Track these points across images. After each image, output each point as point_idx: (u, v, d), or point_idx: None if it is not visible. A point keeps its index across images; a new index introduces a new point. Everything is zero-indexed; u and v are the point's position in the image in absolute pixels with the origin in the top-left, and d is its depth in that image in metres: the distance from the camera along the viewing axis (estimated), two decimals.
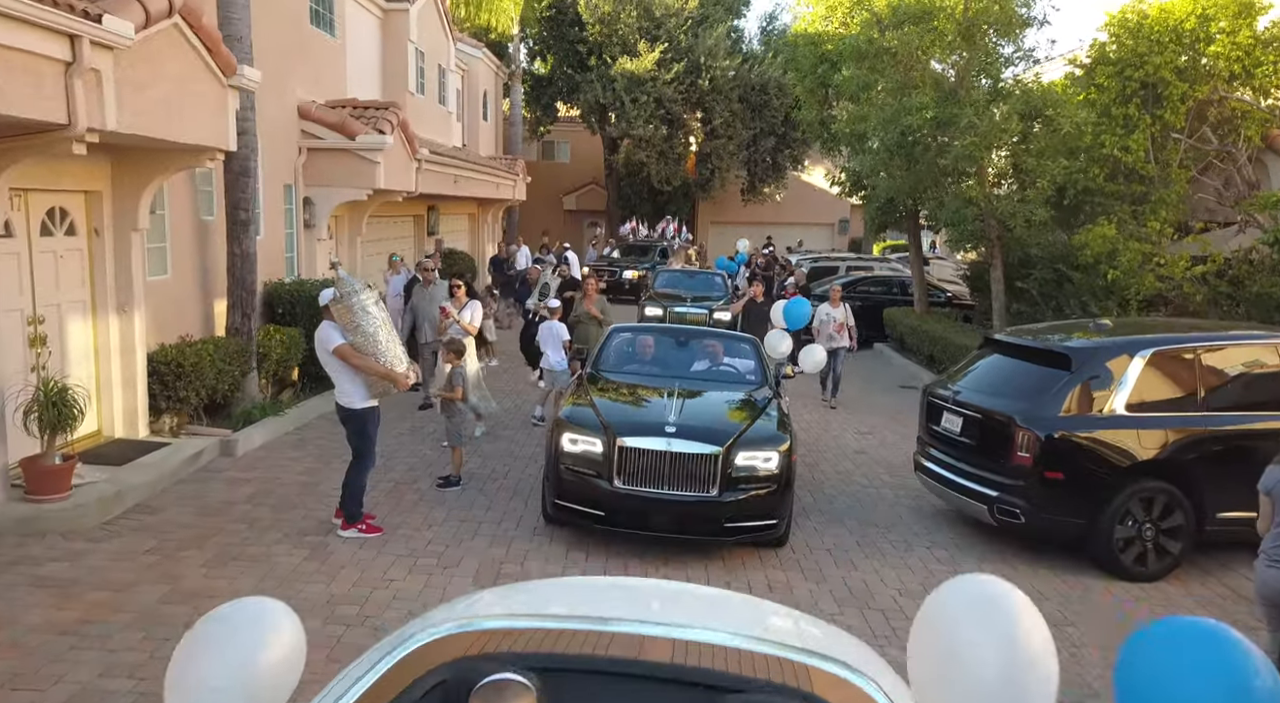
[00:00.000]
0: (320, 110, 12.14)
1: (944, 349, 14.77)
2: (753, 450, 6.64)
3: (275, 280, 11.19)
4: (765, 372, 8.40)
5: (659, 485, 6.48)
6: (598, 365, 8.25)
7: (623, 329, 9.11)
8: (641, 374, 8.17)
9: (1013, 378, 7.50)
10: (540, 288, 12.73)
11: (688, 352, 8.75)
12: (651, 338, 8.93)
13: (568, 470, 6.62)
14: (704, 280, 18.45)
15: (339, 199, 12.49)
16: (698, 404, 7.23)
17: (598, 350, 8.57)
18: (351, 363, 6.38)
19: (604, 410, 6.93)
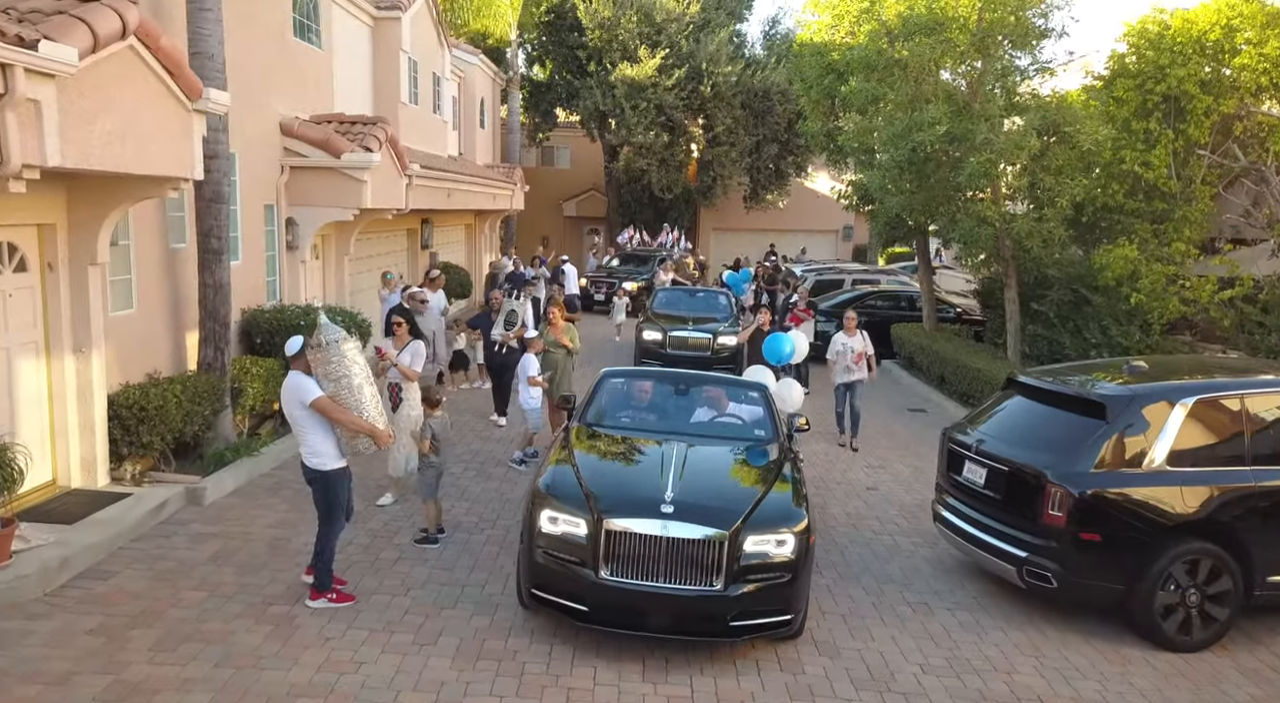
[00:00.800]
0: (304, 127, 11.58)
1: (956, 371, 14.20)
2: (764, 533, 5.67)
3: (254, 307, 10.63)
4: (776, 424, 7.52)
5: (653, 577, 5.52)
6: (585, 415, 7.37)
7: (615, 374, 8.10)
8: (635, 427, 7.33)
9: (1041, 426, 6.92)
10: (506, 316, 11.15)
11: (688, 400, 7.87)
12: (648, 384, 8.05)
13: (545, 555, 5.67)
14: (706, 300, 17.26)
15: (324, 219, 11.92)
16: (699, 469, 6.35)
17: (588, 398, 7.67)
18: (332, 417, 5.80)
19: (589, 477, 6.04)
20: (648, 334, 14.90)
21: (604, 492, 5.86)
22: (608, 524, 5.55)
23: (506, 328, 11.04)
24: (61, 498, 7.13)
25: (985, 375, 12.99)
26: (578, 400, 7.93)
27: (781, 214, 34.47)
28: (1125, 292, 11.91)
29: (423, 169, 14.42)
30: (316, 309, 6.19)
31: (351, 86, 15.29)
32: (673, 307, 16.62)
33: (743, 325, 15.15)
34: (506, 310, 11.22)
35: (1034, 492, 6.46)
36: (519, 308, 11.23)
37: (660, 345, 14.71)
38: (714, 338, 14.76)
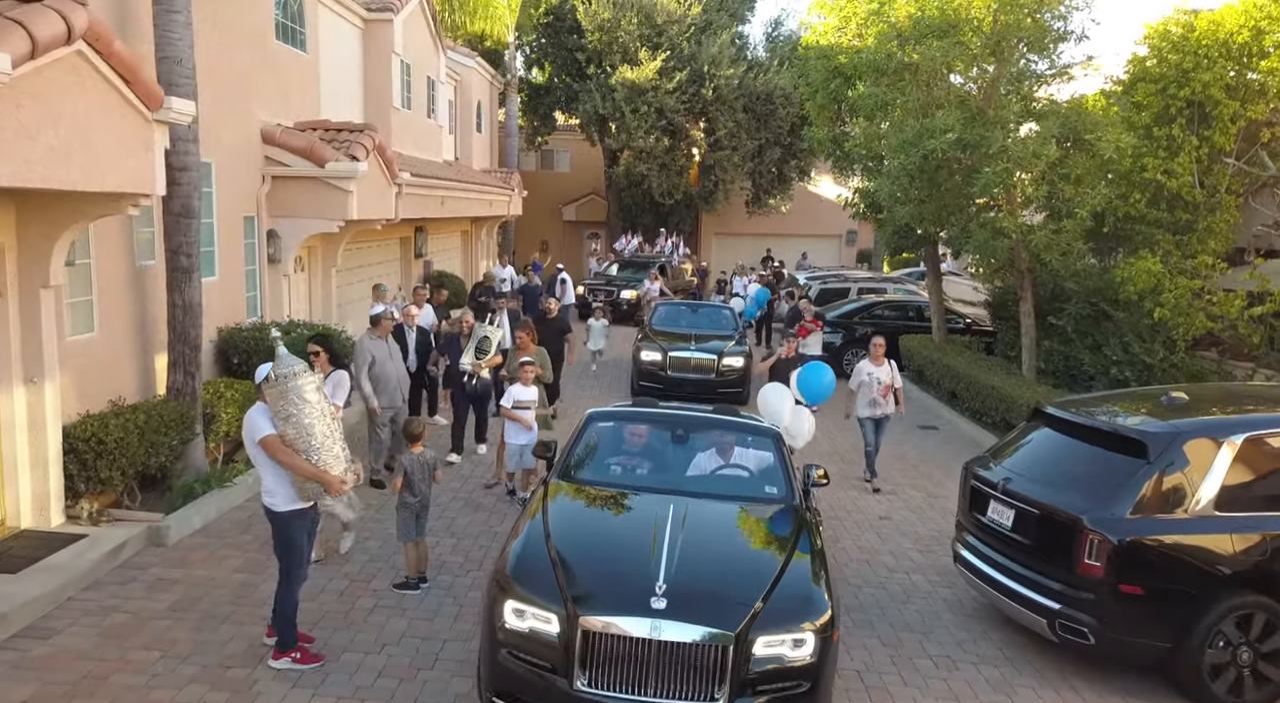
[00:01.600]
0: (286, 134, 11.03)
1: (969, 388, 13.63)
2: (779, 632, 4.66)
3: (232, 326, 10.08)
4: (790, 478, 6.37)
5: (640, 689, 4.51)
6: (566, 466, 6.35)
7: (602, 416, 7.01)
8: (624, 482, 6.27)
9: (1074, 464, 6.36)
10: (478, 342, 9.81)
11: (687, 448, 6.77)
12: (641, 428, 6.90)
13: (510, 656, 4.67)
14: (710, 315, 16.04)
15: (308, 231, 11.37)
16: (699, 540, 5.24)
17: (569, 445, 6.61)
18: (276, 458, 5.27)
19: (566, 552, 5.03)
20: (646, 355, 13.74)
21: (583, 575, 4.90)
22: (585, 622, 4.55)
23: (477, 356, 9.77)
24: (9, 541, 6.58)
25: (1000, 393, 12.42)
26: (558, 447, 6.89)
27: (784, 219, 33.90)
28: (1148, 306, 11.34)
29: (413, 177, 13.87)
30: (277, 339, 5.37)
31: (341, 91, 14.75)
32: (673, 323, 15.45)
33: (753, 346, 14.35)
34: (478, 336, 9.86)
35: (1068, 538, 5.89)
36: (493, 334, 9.93)
37: (660, 367, 13.60)
38: (719, 359, 13.61)
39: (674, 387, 13.30)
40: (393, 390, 9.12)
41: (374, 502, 8.69)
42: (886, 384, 10.19)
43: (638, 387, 13.70)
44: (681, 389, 13.23)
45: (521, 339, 9.61)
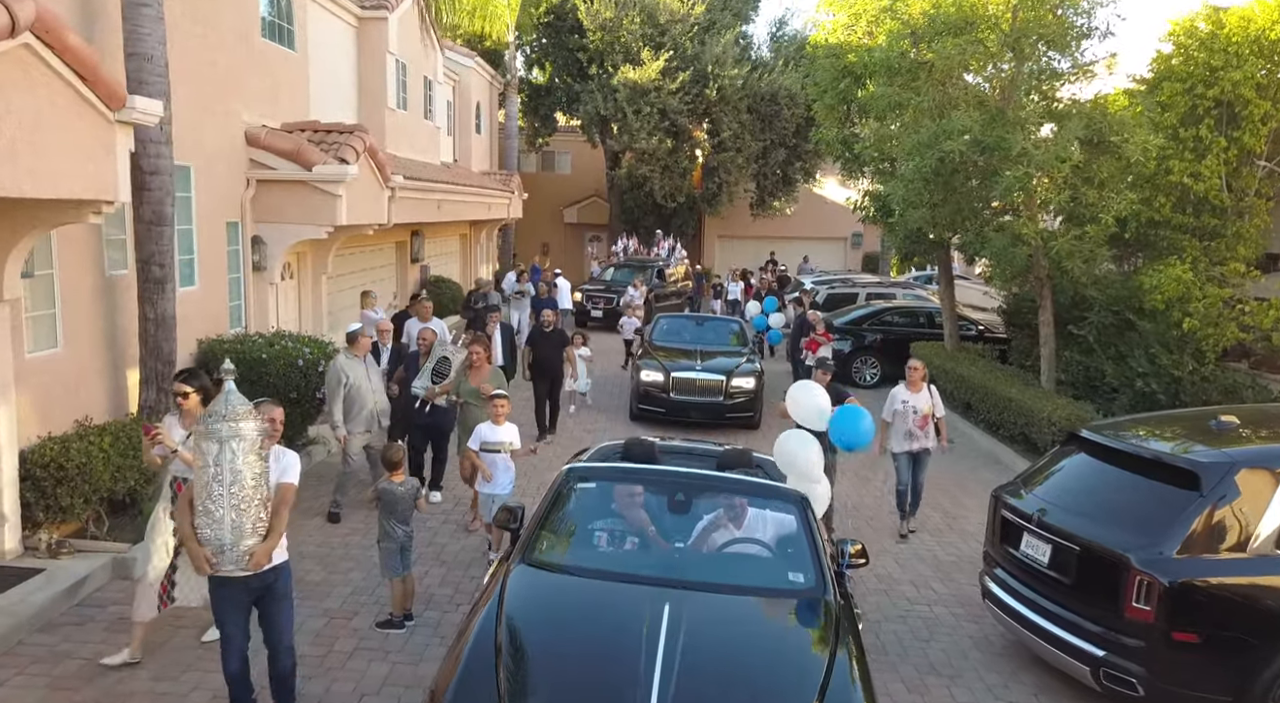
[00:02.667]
0: (272, 136, 10.53)
1: (985, 399, 13.09)
2: None
3: (214, 337, 9.57)
4: (819, 559, 4.96)
5: None
6: (532, 544, 4.96)
7: (581, 474, 5.64)
8: (605, 567, 4.83)
9: (1117, 495, 5.83)
10: (435, 363, 8.40)
11: (688, 519, 5.38)
12: (631, 491, 5.47)
13: None
14: (717, 329, 14.74)
15: (295, 238, 10.87)
16: (703, 659, 3.92)
17: (540, 514, 5.28)
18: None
19: (524, 678, 3.88)
20: (647, 375, 12.57)
21: None
22: None
23: (434, 380, 8.37)
24: None
25: (1019, 406, 11.88)
26: (525, 515, 5.56)
27: (788, 221, 33.40)
28: (1176, 316, 10.81)
29: (407, 180, 13.37)
30: (228, 373, 4.43)
31: (333, 92, 14.26)
32: (676, 338, 14.21)
33: None
34: (436, 357, 8.45)
35: (1114, 578, 5.36)
36: (454, 355, 8.53)
37: (662, 388, 12.44)
38: (728, 379, 12.40)
39: (678, 410, 12.38)
40: (368, 417, 8.22)
41: (360, 527, 8.17)
42: (925, 414, 8.75)
43: (637, 410, 12.77)
44: (686, 413, 12.36)
45: (477, 355, 8.27)
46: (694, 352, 13.31)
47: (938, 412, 8.90)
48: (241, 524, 4.35)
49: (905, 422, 8.74)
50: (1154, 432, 6.34)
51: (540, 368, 11.43)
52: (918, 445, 8.84)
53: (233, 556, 4.37)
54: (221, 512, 4.30)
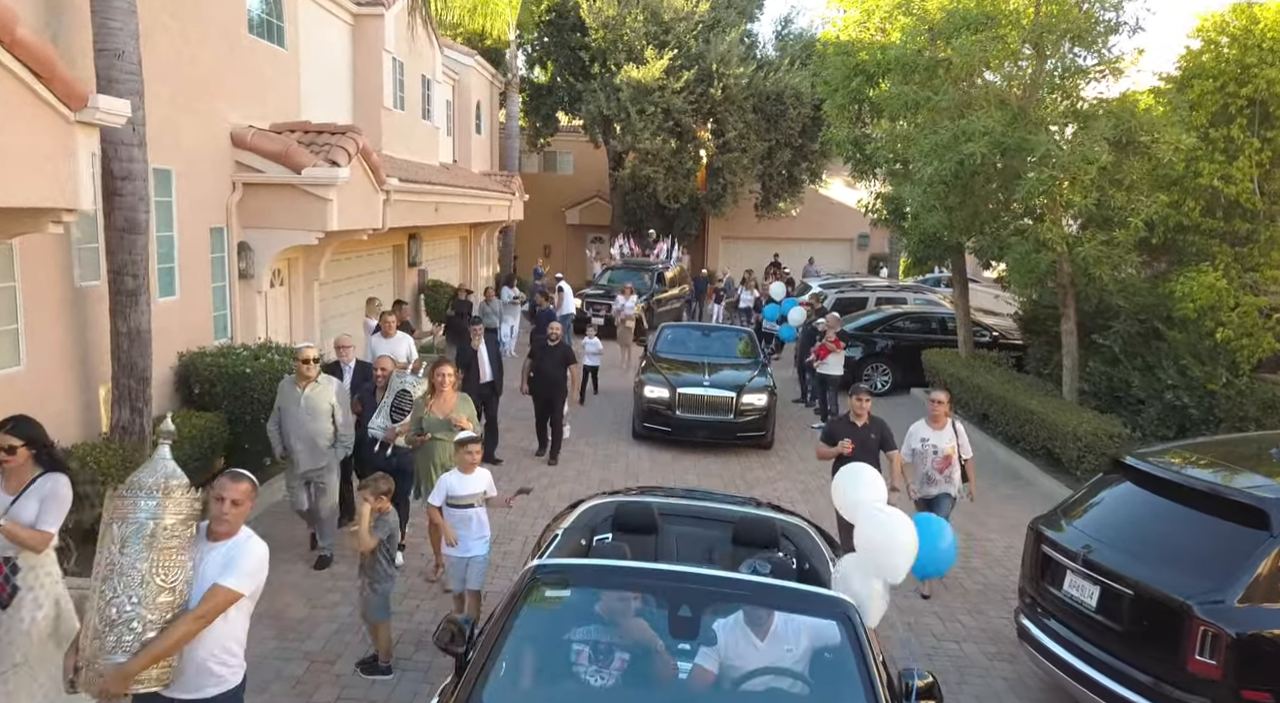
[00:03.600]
0: (259, 137, 10.03)
1: (1003, 411, 12.57)
2: None
3: (195, 350, 9.07)
4: (874, 686, 3.65)
5: None
6: (477, 685, 3.58)
7: (551, 577, 4.23)
8: None
9: (1170, 532, 5.31)
10: (394, 397, 7.17)
11: (695, 641, 4.04)
12: (620, 604, 4.11)
13: None
14: (725, 340, 13.89)
15: (283, 244, 10.37)
16: None
17: (490, 638, 3.82)
18: None
19: None
20: (651, 390, 11.80)
21: None
22: None
23: (393, 418, 7.13)
24: None
25: (1040, 419, 11.36)
26: (472, 635, 4.08)
27: (792, 222, 32.86)
28: (1208, 325, 10.28)
29: (403, 182, 12.86)
30: (165, 434, 3.71)
31: (326, 91, 13.76)
32: (681, 349, 13.38)
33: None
34: (395, 390, 7.21)
35: (1173, 628, 4.85)
36: (415, 387, 7.21)
37: (667, 405, 11.66)
38: (738, 396, 11.61)
39: (684, 430, 11.65)
40: (301, 453, 7.05)
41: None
42: (948, 454, 7.52)
43: (640, 429, 12.04)
44: (693, 433, 11.67)
45: (439, 379, 6.92)
46: (701, 365, 12.53)
47: (964, 453, 7.66)
48: (111, 632, 3.29)
49: (924, 463, 7.57)
50: (1208, 460, 5.82)
51: (540, 385, 10.80)
52: (936, 491, 7.59)
53: (86, 675, 3.33)
54: (98, 610, 3.34)
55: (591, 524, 5.19)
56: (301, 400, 7.02)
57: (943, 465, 7.55)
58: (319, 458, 7.10)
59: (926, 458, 7.58)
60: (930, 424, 7.71)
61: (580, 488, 10.14)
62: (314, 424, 7.00)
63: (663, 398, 11.74)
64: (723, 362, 12.85)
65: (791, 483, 10.94)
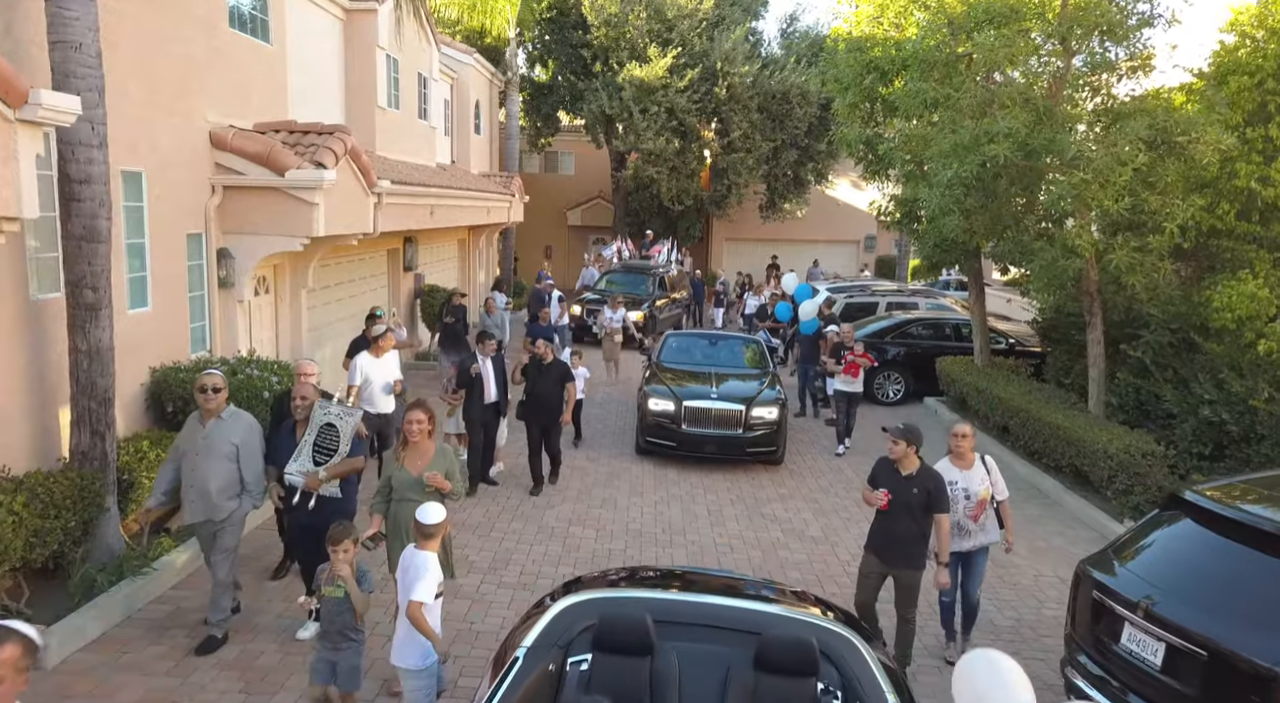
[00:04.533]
0: (240, 137, 9.45)
1: (1025, 425, 11.97)
2: None
3: (170, 364, 8.48)
4: None
5: None
6: None
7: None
8: None
9: (1247, 582, 4.71)
10: (316, 434, 6.08)
11: None
12: None
13: None
14: (732, 349, 13.25)
15: (266, 250, 9.78)
16: None
17: None
18: None
19: None
20: (656, 403, 11.22)
21: None
22: None
23: (315, 461, 6.01)
24: None
25: (1066, 434, 10.76)
26: None
27: (797, 224, 32.30)
28: (1249, 337, 9.68)
29: (395, 185, 12.27)
30: None
31: (316, 89, 13.18)
32: (686, 358, 12.83)
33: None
34: (318, 423, 6.07)
35: (1260, 697, 4.26)
36: (342, 422, 6.04)
37: (673, 419, 11.10)
38: (747, 409, 11.03)
39: (690, 444, 11.09)
40: (194, 502, 5.99)
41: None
42: (982, 498, 6.43)
43: (644, 444, 11.45)
44: (700, 448, 11.09)
45: (412, 428, 5.75)
46: (707, 375, 11.99)
47: (998, 494, 6.56)
48: None
49: (955, 511, 6.36)
50: (1264, 489, 5.22)
51: (534, 409, 9.92)
52: (970, 544, 6.47)
53: None
54: None
55: (566, 638, 3.93)
56: (200, 439, 5.98)
57: (976, 512, 6.41)
58: (212, 510, 5.95)
59: (957, 505, 6.37)
60: (955, 463, 6.55)
61: (580, 510, 9.56)
62: (208, 466, 5.93)
63: (668, 411, 11.15)
64: (730, 372, 12.25)
65: (804, 502, 10.36)
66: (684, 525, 9.38)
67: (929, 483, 6.07)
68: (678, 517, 9.64)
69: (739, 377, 12.05)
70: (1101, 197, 9.42)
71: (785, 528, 9.51)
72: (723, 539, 9.08)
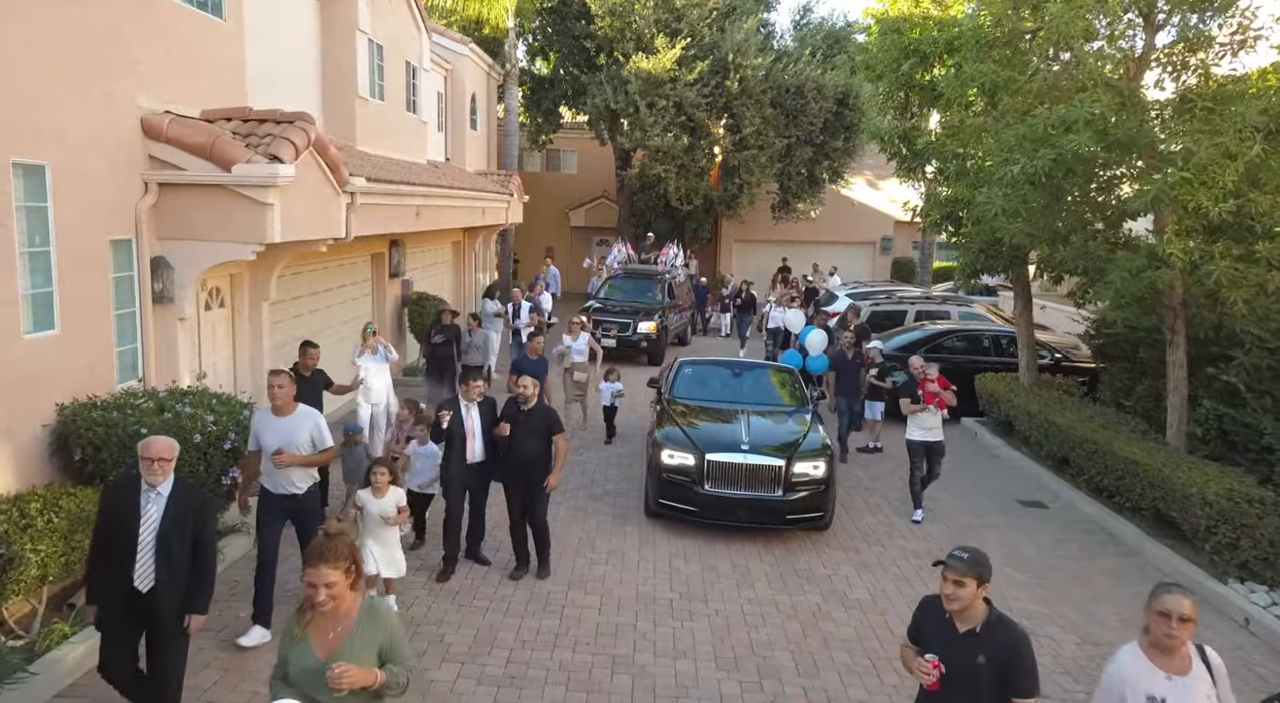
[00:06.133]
0: (179, 126, 7.96)
1: (1090, 456, 10.49)
2: None
3: (85, 399, 7.01)
4: None
5: None
6: None
7: None
8: None
9: None
10: None
11: None
12: None
13: None
14: (762, 381, 10.83)
15: (212, 259, 8.29)
16: None
17: None
18: None
19: None
20: (670, 455, 8.93)
21: None
22: None
23: None
24: None
25: (1148, 475, 9.25)
26: None
27: (813, 225, 30.74)
28: None
29: (371, 182, 10.79)
30: None
31: (288, 76, 11.71)
32: (705, 391, 10.48)
33: None
34: None
35: None
36: None
37: (694, 478, 8.79)
38: (788, 465, 8.71)
39: (716, 509, 8.79)
40: None
41: None
42: None
43: (656, 506, 9.14)
44: (728, 513, 8.79)
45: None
46: (733, 414, 9.73)
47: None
48: None
49: None
50: None
51: (513, 469, 7.64)
52: None
53: None
54: None
55: None
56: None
57: None
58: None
59: None
60: (1158, 658, 3.77)
61: (581, 567, 8.02)
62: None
63: (686, 466, 8.87)
64: (761, 409, 10.03)
65: (841, 552, 8.87)
66: (705, 589, 7.85)
67: (1003, 653, 3.74)
68: (696, 576, 8.12)
69: (773, 415, 9.90)
70: (1201, 197, 7.89)
71: (825, 589, 7.99)
72: (752, 605, 7.57)
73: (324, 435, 6.39)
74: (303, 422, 6.34)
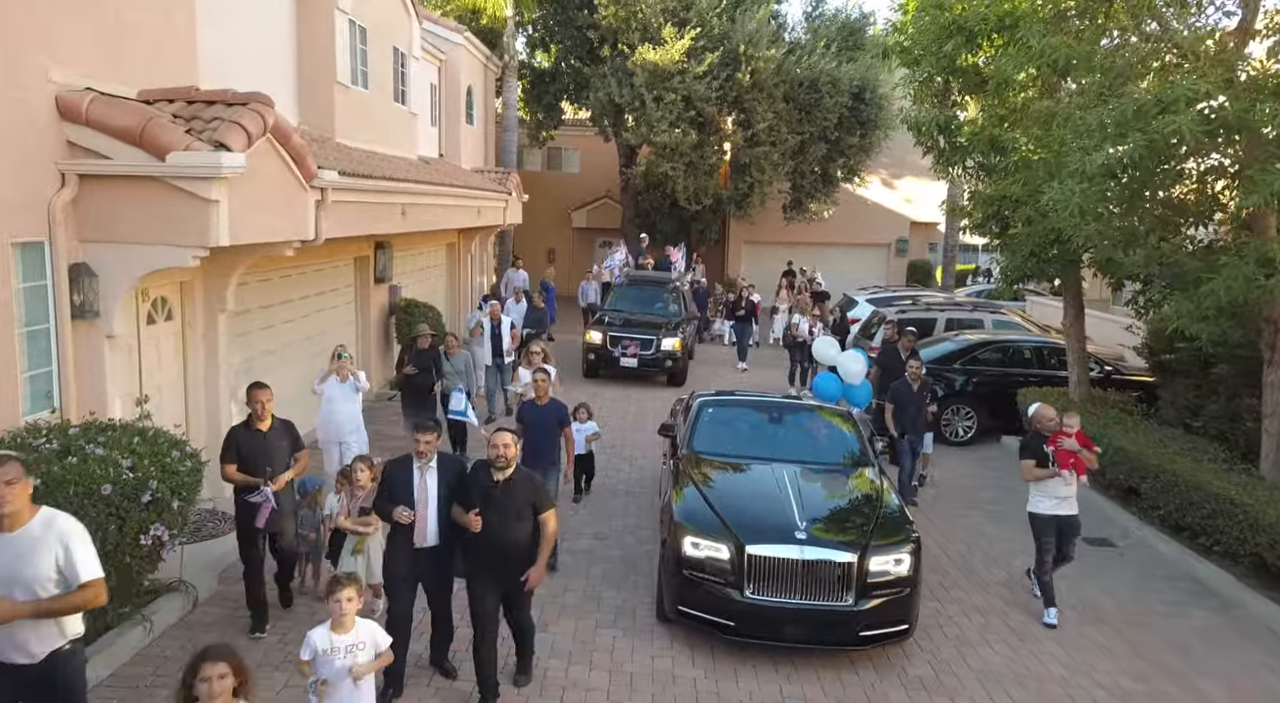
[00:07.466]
0: (103, 106, 6.64)
1: (1166, 489, 9.17)
2: None
3: None
4: None
5: None
6: None
7: None
8: None
9: None
10: None
11: None
12: None
13: None
14: (811, 428, 8.41)
15: (145, 266, 6.95)
16: None
17: None
18: None
19: None
20: (695, 546, 6.45)
21: None
22: None
23: None
24: None
25: (1247, 516, 7.92)
26: None
27: (825, 226, 29.33)
28: None
29: (347, 177, 9.47)
30: None
31: (255, 57, 10.39)
32: (735, 444, 7.98)
33: None
34: None
35: None
36: None
37: (728, 579, 6.32)
38: (861, 559, 6.27)
39: (759, 624, 6.31)
40: None
41: None
42: None
43: (674, 613, 6.63)
44: (777, 630, 6.30)
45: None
46: (776, 478, 7.23)
47: None
48: None
49: None
50: None
51: (480, 555, 5.52)
52: None
53: None
54: None
55: None
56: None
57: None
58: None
59: None
60: None
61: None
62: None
63: (718, 561, 6.36)
64: (812, 467, 7.60)
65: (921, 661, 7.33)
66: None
67: None
68: None
69: (828, 479, 7.52)
70: None
71: None
72: None
73: (77, 563, 3.90)
74: (41, 543, 3.89)
